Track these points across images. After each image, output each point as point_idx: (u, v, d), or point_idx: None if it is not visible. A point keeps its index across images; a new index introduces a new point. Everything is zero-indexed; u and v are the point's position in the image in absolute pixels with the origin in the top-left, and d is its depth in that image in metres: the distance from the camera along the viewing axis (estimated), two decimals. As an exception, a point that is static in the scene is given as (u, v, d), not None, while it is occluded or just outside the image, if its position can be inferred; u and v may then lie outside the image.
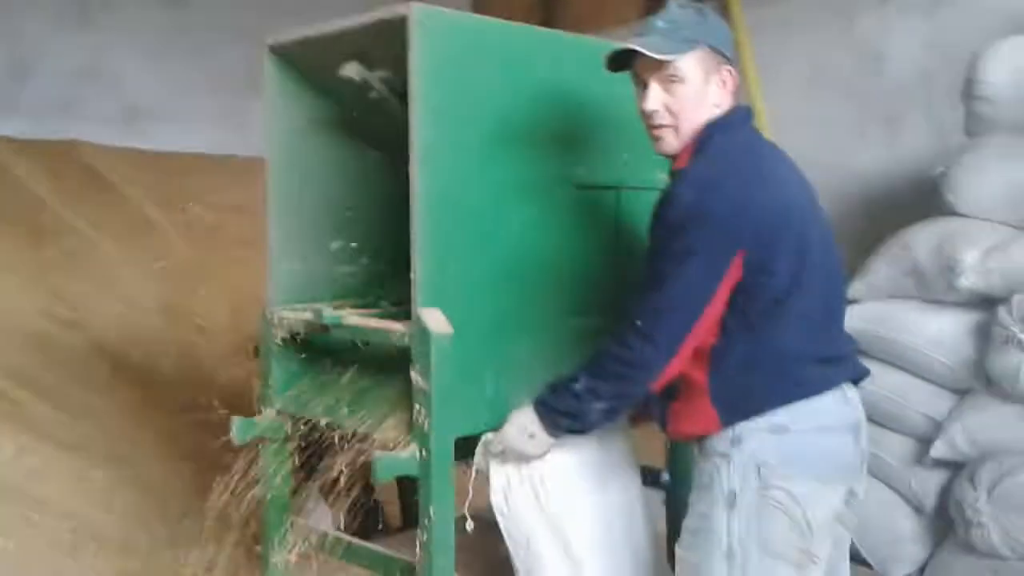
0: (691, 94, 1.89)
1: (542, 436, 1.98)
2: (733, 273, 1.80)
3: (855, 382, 1.97)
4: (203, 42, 5.28)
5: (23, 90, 4.85)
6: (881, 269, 3.26)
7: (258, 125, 2.32)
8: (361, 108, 2.26)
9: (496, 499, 2.10)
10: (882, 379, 3.15)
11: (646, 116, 1.94)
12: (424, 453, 1.92)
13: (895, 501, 3.20)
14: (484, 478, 2.10)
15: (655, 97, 1.90)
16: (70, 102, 4.96)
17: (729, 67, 1.94)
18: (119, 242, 4.44)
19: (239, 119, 5.10)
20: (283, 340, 2.25)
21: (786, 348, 1.85)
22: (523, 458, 2.04)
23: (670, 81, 1.89)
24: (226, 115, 5.23)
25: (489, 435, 2.05)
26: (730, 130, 1.90)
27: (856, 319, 3.14)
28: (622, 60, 1.94)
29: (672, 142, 1.93)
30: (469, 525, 2.05)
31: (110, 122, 5.05)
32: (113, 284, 4.24)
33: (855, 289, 3.31)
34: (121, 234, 4.48)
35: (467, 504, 2.04)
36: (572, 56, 2.22)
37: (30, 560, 2.80)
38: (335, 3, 2.07)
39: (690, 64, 1.88)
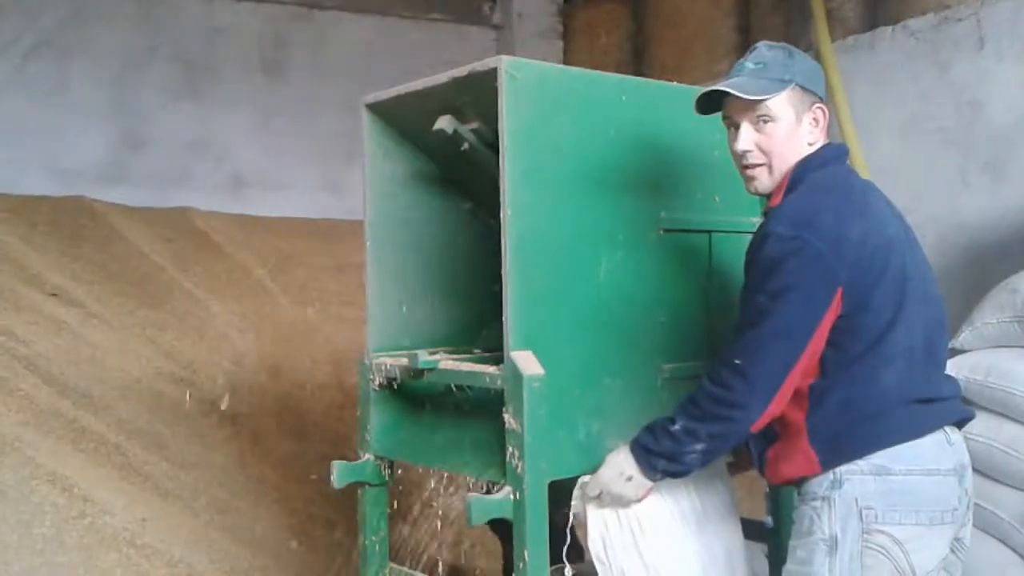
0: (783, 133, 1.91)
1: (639, 478, 1.96)
2: (833, 309, 1.79)
3: (959, 425, 1.91)
4: (303, 111, 5.52)
5: (137, 160, 5.13)
6: (988, 316, 3.15)
7: (355, 191, 2.41)
8: (454, 161, 2.33)
9: (594, 546, 2.08)
10: (994, 431, 3.02)
11: (738, 156, 1.95)
12: (518, 495, 1.93)
13: (1011, 558, 3.04)
14: (582, 525, 2.09)
15: (747, 137, 1.92)
16: (182, 172, 5.23)
17: (821, 105, 1.94)
18: (227, 303, 4.62)
19: (337, 185, 5.31)
20: (380, 386, 2.31)
21: (887, 388, 1.82)
22: (620, 501, 2.02)
23: (762, 121, 1.91)
24: (325, 181, 5.45)
25: (586, 478, 2.04)
26: (823, 166, 1.91)
27: (964, 369, 3.03)
28: (713, 102, 1.97)
29: (765, 181, 1.94)
30: (568, 572, 2.04)
31: (218, 190, 5.31)
32: (221, 343, 4.40)
33: (962, 339, 3.20)
34: (229, 295, 4.67)
35: (565, 549, 2.03)
36: (659, 102, 2.26)
37: (140, 606, 2.90)
38: (430, 72, 2.15)
39: (781, 103, 1.89)
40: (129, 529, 3.15)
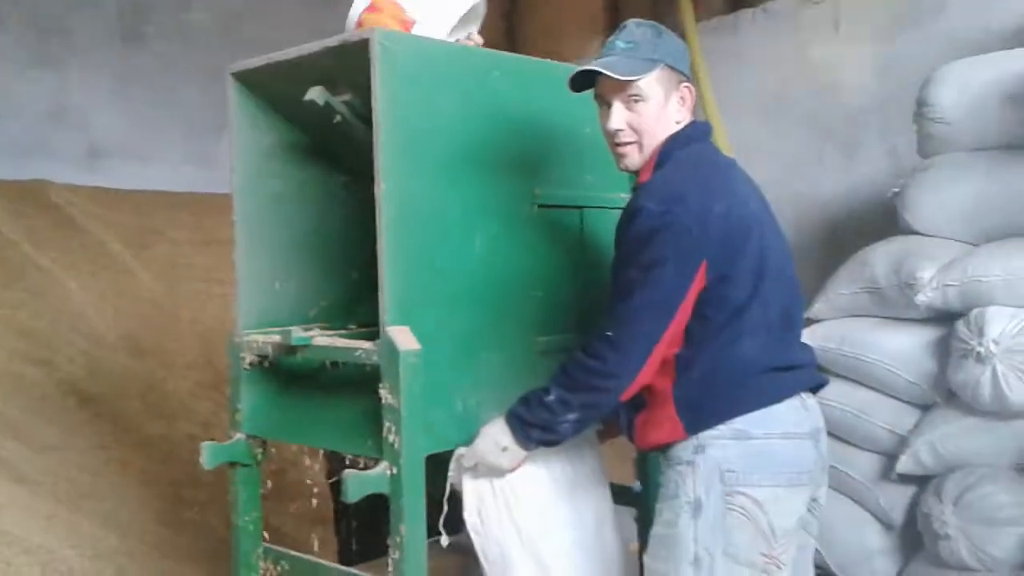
0: (653, 111, 1.96)
1: (514, 449, 2.00)
2: (698, 282, 1.85)
3: (814, 391, 2.01)
4: (166, 80, 5.31)
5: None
6: (841, 288, 3.32)
7: (222, 163, 2.34)
8: (326, 133, 2.29)
9: (470, 517, 2.10)
10: (846, 396, 3.19)
11: (610, 134, 2.00)
12: (394, 470, 1.92)
13: (863, 517, 3.23)
14: (459, 496, 2.10)
15: (619, 116, 1.97)
16: (37, 143, 4.96)
17: (687, 84, 2.00)
18: (85, 280, 4.43)
19: (204, 157, 5.14)
20: (251, 364, 2.26)
21: (746, 357, 1.90)
22: (496, 472, 2.05)
23: (633, 100, 1.96)
24: (190, 153, 5.27)
25: (461, 449, 2.06)
26: (689, 144, 1.97)
27: (818, 338, 3.18)
28: (586, 80, 2.00)
29: (635, 158, 2.00)
30: (444, 540, 2.05)
31: (76, 161, 5.06)
32: (79, 322, 4.21)
33: (816, 308, 3.37)
34: (87, 272, 4.47)
35: (442, 520, 2.04)
36: (532, 78, 2.28)
37: (-3, 598, 2.76)
38: (300, 41, 2.10)
39: (651, 83, 1.95)
40: (-14, 517, 3.00)
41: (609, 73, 1.92)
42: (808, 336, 2.08)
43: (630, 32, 1.98)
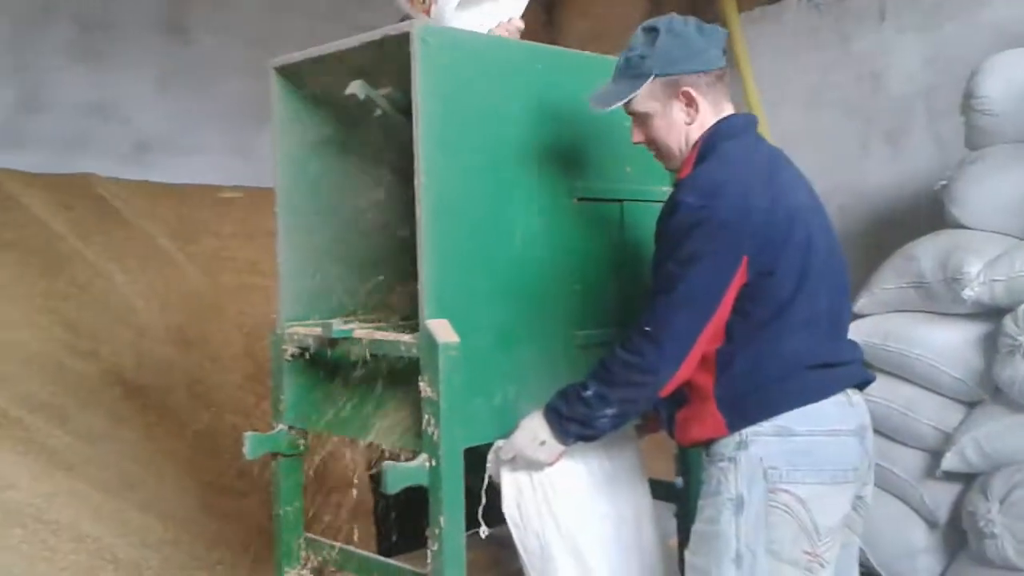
0: (657, 124, 1.99)
1: (552, 443, 1.99)
2: (738, 277, 1.83)
3: (860, 388, 1.98)
4: (208, 73, 5.36)
5: (35, 124, 4.91)
6: (886, 283, 3.28)
7: (265, 156, 2.36)
8: (366, 126, 2.30)
9: (509, 509, 2.10)
10: (891, 392, 3.15)
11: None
12: (433, 462, 1.93)
13: (908, 515, 3.19)
14: (497, 488, 2.11)
15: (636, 132, 2.04)
16: (82, 136, 5.04)
17: (686, 85, 1.95)
18: (131, 273, 4.50)
19: (246, 150, 5.19)
20: (293, 356, 2.28)
21: (790, 353, 1.87)
22: (534, 465, 2.05)
23: (638, 119, 2.01)
24: (233, 146, 5.31)
25: (500, 442, 2.06)
26: (732, 137, 1.95)
27: (862, 333, 3.15)
28: None
29: (668, 163, 2.05)
30: (484, 531, 2.06)
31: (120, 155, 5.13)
32: (126, 314, 4.28)
33: (861, 304, 3.32)
34: (133, 264, 4.54)
35: (480, 511, 2.05)
36: (573, 71, 2.27)
37: (46, 583, 2.82)
38: (341, 36, 2.11)
39: (644, 100, 1.97)
40: (34, 504, 3.06)
41: (594, 106, 2.00)
42: (852, 331, 2.06)
43: (632, 42, 2.00)
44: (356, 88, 2.11)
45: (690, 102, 1.96)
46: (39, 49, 4.92)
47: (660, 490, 2.49)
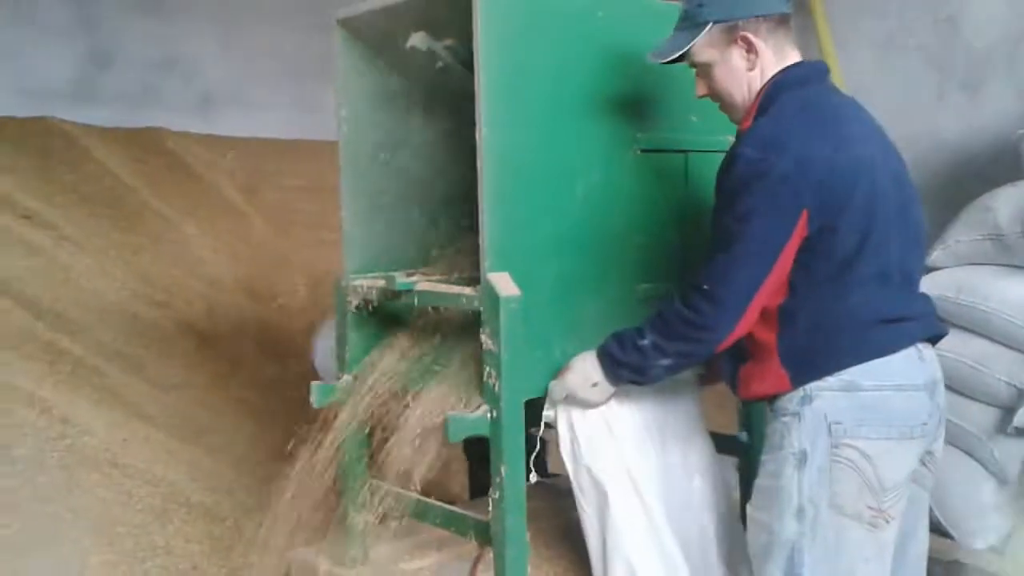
0: (718, 73, 1.95)
1: (604, 384, 2.01)
2: (799, 232, 1.79)
3: (932, 341, 1.94)
4: (273, 28, 5.39)
5: (105, 79, 5.01)
6: (960, 235, 3.18)
7: (329, 110, 2.37)
8: (428, 79, 2.29)
9: (564, 445, 2.12)
10: (963, 347, 3.07)
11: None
12: (495, 413, 1.95)
13: (977, 471, 3.12)
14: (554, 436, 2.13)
15: (699, 85, 2.01)
16: (150, 91, 5.12)
17: (744, 29, 1.90)
18: (201, 225, 4.58)
19: (311, 103, 5.21)
20: (357, 308, 2.31)
21: (857, 308, 1.83)
22: (586, 405, 2.07)
23: (701, 70, 1.97)
24: (298, 100, 5.35)
25: (553, 382, 2.07)
26: (795, 87, 1.89)
27: (935, 286, 3.06)
28: None
29: (732, 114, 2.00)
30: (533, 477, 2.07)
31: (187, 109, 5.20)
32: (197, 265, 4.38)
33: (934, 257, 3.23)
34: (203, 217, 4.63)
35: (532, 458, 2.06)
36: (635, 18, 2.23)
37: (122, 524, 2.93)
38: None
39: (702, 49, 1.94)
40: (110, 450, 3.18)
41: (653, 60, 1.97)
42: (925, 283, 2.00)
43: None
44: (418, 40, 2.10)
45: (750, 48, 1.91)
46: (107, 4, 4.99)
47: (724, 444, 2.48)
